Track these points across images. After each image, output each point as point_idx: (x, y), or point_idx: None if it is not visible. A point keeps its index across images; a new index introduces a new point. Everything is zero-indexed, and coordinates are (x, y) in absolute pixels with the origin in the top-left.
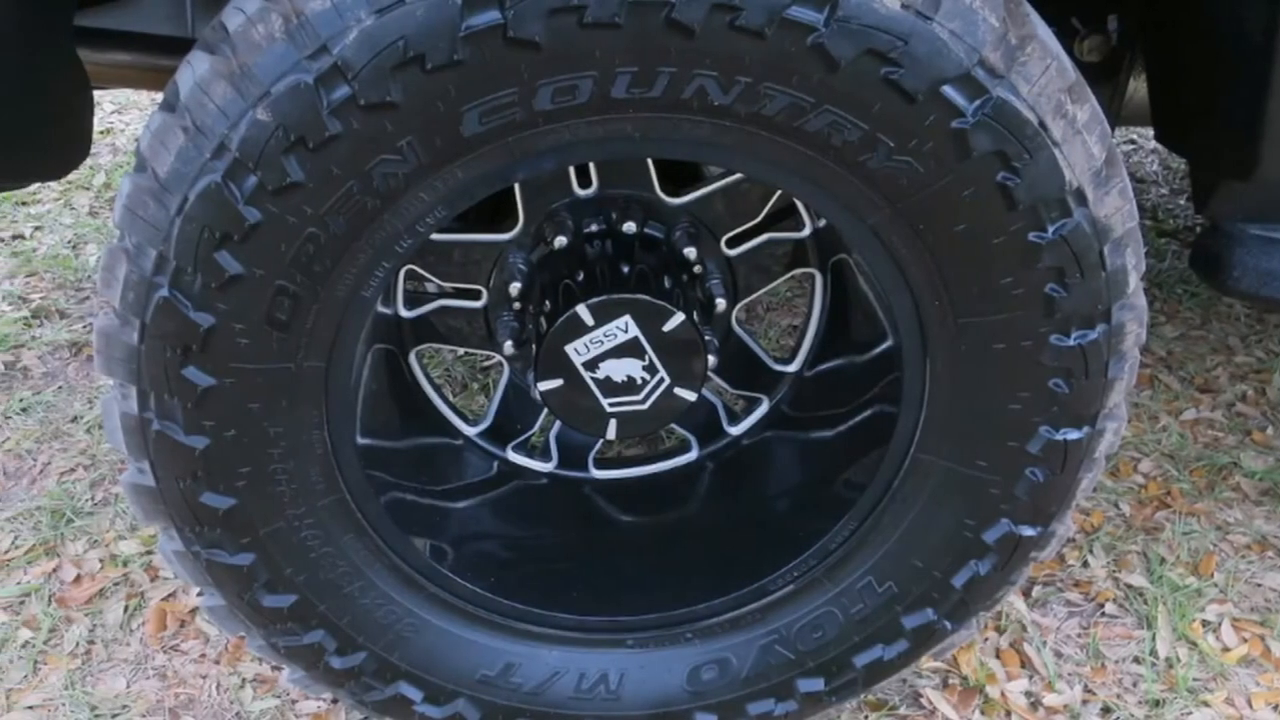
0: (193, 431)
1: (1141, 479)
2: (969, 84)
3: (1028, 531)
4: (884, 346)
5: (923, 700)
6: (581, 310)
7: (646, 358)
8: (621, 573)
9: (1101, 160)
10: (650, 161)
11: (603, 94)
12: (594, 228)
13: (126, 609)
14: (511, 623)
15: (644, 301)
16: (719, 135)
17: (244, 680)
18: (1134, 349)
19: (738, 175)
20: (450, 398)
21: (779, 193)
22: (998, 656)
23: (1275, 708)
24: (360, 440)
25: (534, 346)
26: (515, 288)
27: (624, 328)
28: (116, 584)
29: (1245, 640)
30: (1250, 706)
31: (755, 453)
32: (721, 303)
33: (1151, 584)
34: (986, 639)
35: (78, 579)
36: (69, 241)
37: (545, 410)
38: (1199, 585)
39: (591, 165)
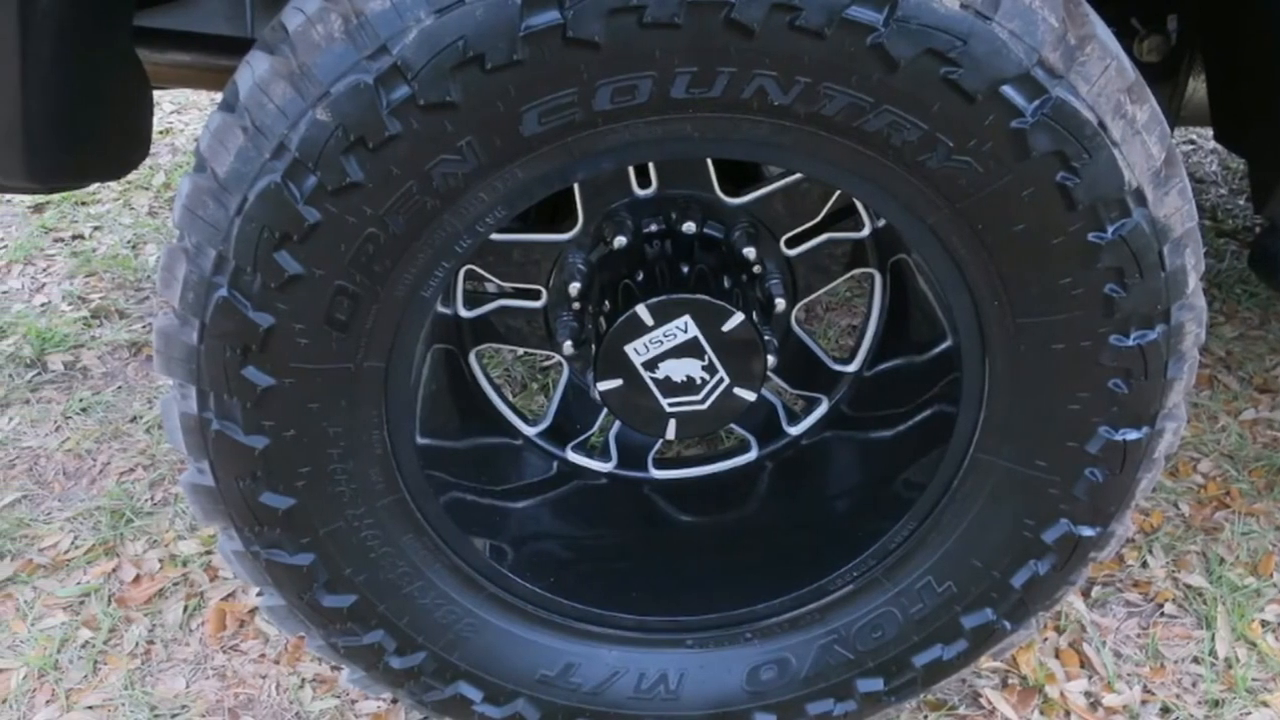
0: (252, 431)
1: (1201, 479)
2: (1028, 84)
3: (1087, 531)
4: (943, 346)
5: (982, 700)
6: (641, 310)
7: (706, 358)
8: (681, 573)
9: (1161, 160)
10: (710, 161)
11: (662, 94)
12: (653, 228)
13: (186, 609)
14: (571, 623)
15: (703, 301)
16: (778, 135)
17: (303, 680)
18: (1193, 349)
19: (797, 175)
20: (510, 398)
21: (838, 193)
22: (1057, 656)
23: None
24: (420, 440)
25: (593, 346)
26: (575, 288)
27: (683, 328)
28: (176, 584)
29: None
30: None
31: (814, 453)
32: (781, 303)
33: (1211, 584)
34: (1046, 639)
35: (137, 579)
36: (128, 241)
37: (605, 410)
38: (1258, 585)
39: (651, 165)
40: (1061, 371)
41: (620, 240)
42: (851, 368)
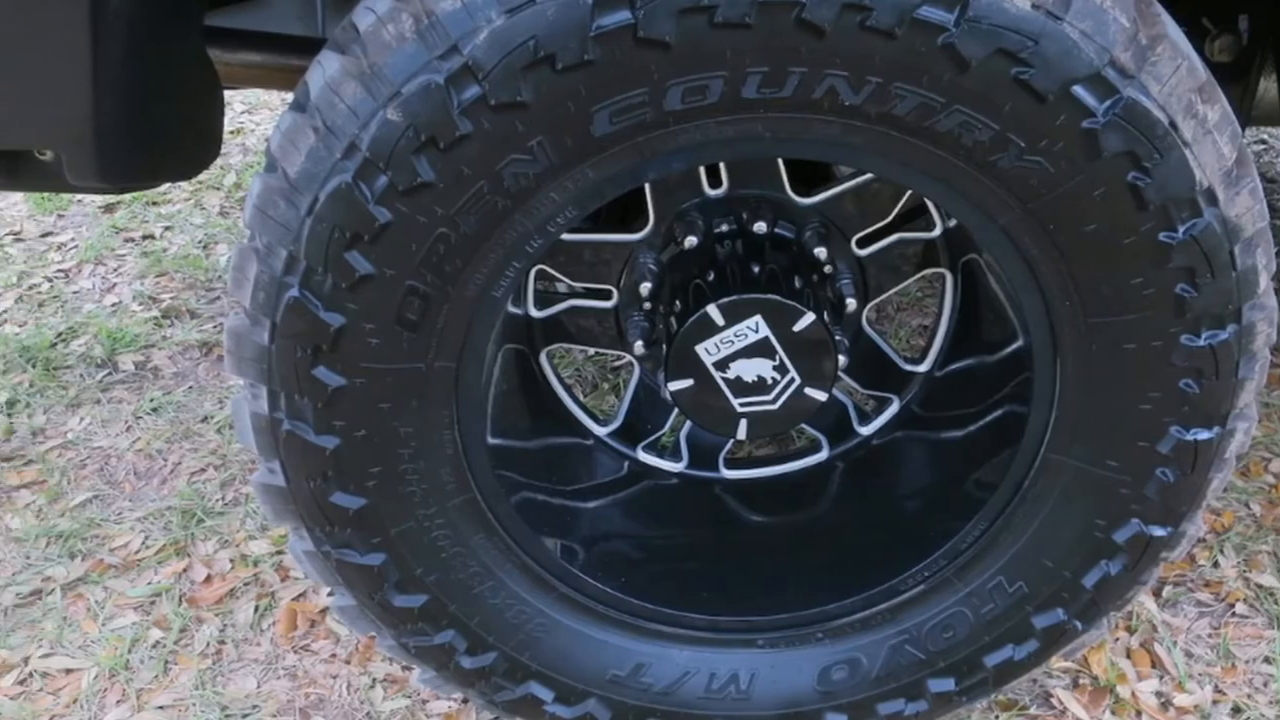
0: (323, 431)
1: (1272, 479)
2: (1100, 84)
3: (1158, 531)
4: (1014, 346)
5: (1053, 700)
6: (712, 310)
7: (777, 358)
8: (752, 573)
9: (1232, 160)
10: (780, 162)
11: (733, 94)
12: (724, 228)
13: (257, 609)
14: (642, 623)
15: (774, 301)
16: (849, 135)
17: (374, 680)
18: (1264, 349)
19: (868, 175)
20: (581, 398)
21: (909, 193)
22: (1128, 656)
23: None
24: (491, 440)
25: (664, 346)
26: (646, 288)
27: (754, 328)
28: (247, 584)
29: None
30: None
31: (886, 453)
32: (852, 303)
33: None
34: (1117, 639)
35: (208, 579)
36: (199, 241)
37: (676, 410)
38: None
39: (722, 165)
40: (1133, 371)
41: (691, 240)
42: (922, 368)
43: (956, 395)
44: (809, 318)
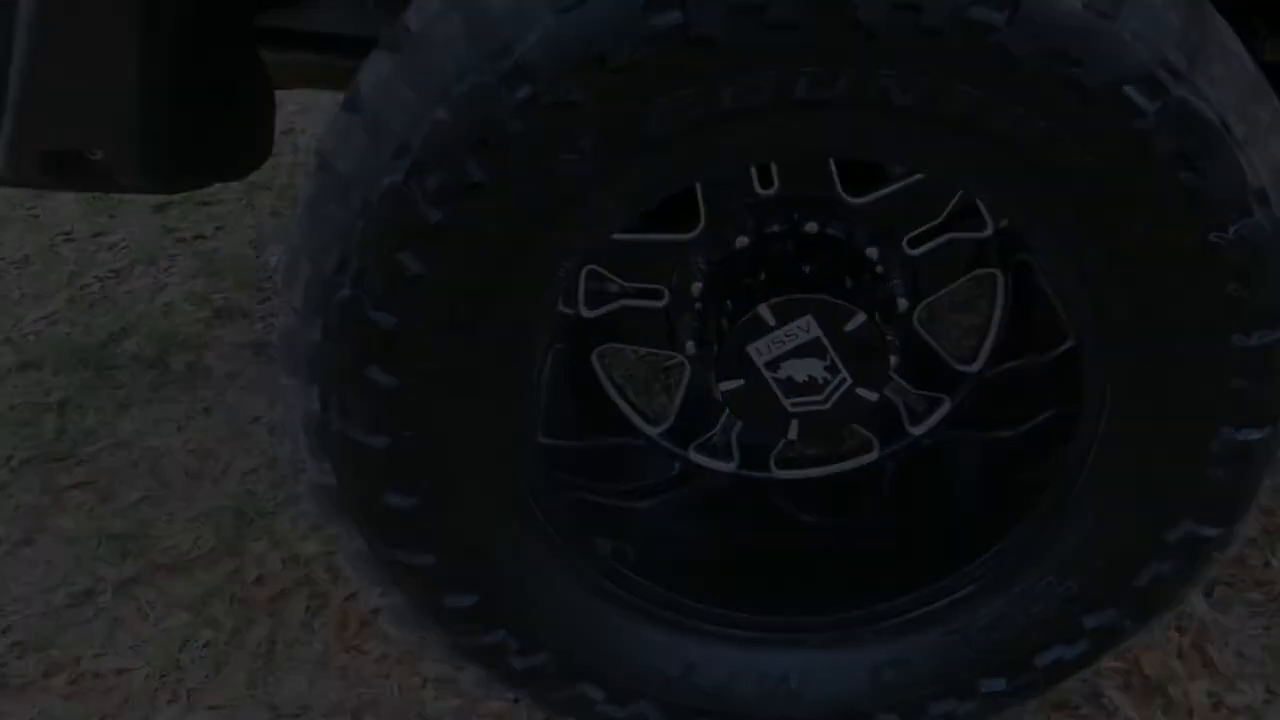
0: (375, 432)
1: None
2: (1150, 84)
3: (1209, 531)
4: (1065, 346)
5: (1104, 700)
6: (763, 310)
7: (828, 358)
8: (803, 572)
9: None
10: (831, 161)
11: (784, 94)
12: (775, 228)
13: (308, 609)
14: (693, 623)
15: (826, 301)
16: (899, 135)
17: (426, 681)
18: None
19: (919, 175)
20: (632, 397)
21: (960, 192)
22: (1179, 656)
23: None
24: (542, 440)
25: (715, 346)
26: (697, 287)
27: (806, 328)
28: (298, 584)
29: None
30: None
31: (937, 452)
32: (903, 302)
33: None
34: (1168, 639)
35: (259, 579)
36: (251, 241)
37: (727, 410)
38: None
39: (773, 165)
40: (1183, 371)
41: (742, 240)
42: (974, 368)
43: (1008, 395)
44: (860, 317)
